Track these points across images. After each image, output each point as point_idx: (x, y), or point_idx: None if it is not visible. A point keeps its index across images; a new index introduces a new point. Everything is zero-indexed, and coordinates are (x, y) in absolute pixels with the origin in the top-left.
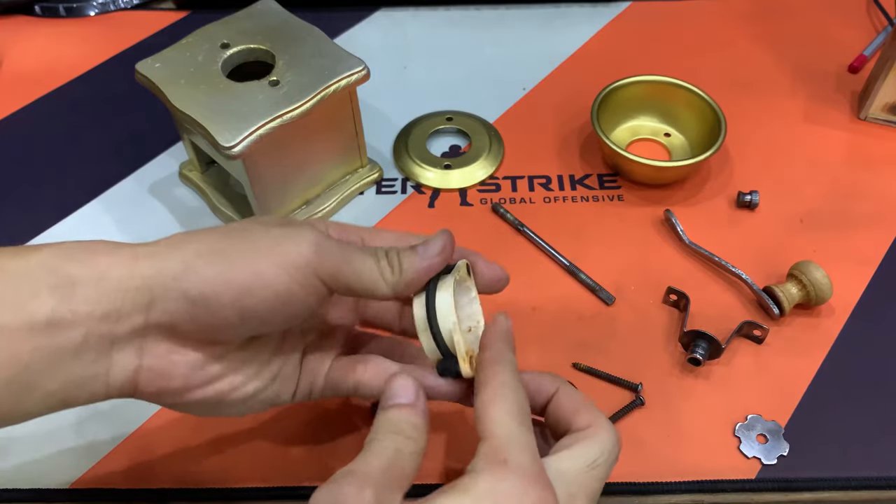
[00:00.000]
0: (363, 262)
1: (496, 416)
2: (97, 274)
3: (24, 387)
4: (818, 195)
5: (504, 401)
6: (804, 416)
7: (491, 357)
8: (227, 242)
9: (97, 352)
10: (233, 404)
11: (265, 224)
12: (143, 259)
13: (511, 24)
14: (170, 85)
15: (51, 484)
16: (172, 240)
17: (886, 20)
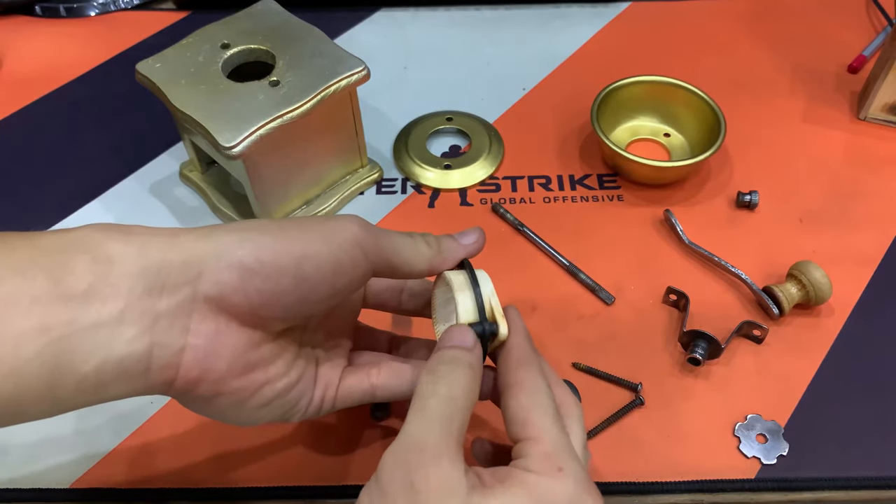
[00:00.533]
0: (402, 239)
1: (542, 423)
2: (136, 249)
3: (55, 366)
4: (818, 195)
5: (545, 407)
6: (804, 416)
7: (520, 358)
8: (272, 225)
9: (138, 327)
10: (257, 405)
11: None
12: (185, 236)
13: (511, 24)
14: (170, 85)
15: (51, 484)
16: (210, 226)
17: (886, 20)
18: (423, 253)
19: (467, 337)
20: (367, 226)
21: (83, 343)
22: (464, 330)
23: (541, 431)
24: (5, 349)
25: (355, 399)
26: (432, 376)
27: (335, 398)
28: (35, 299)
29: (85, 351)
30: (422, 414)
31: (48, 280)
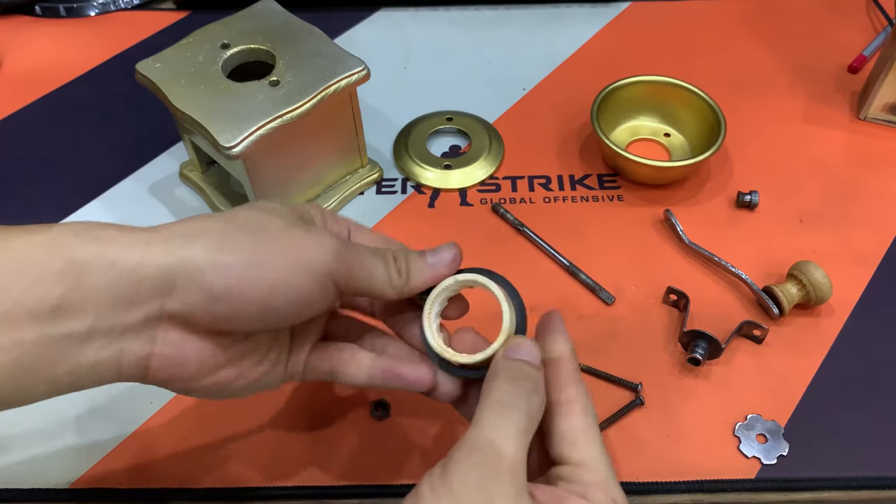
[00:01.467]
0: (374, 267)
1: (595, 449)
2: (108, 259)
3: (28, 372)
4: (818, 195)
5: (596, 432)
6: (804, 416)
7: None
8: (247, 237)
9: (107, 338)
10: (236, 390)
11: (281, 217)
12: (158, 245)
13: (511, 24)
14: (170, 85)
15: (51, 484)
16: (187, 226)
17: (886, 20)
18: (395, 284)
19: (538, 354)
20: (342, 254)
21: (54, 352)
22: (534, 346)
23: (594, 461)
24: None
25: (318, 376)
26: (514, 388)
27: (302, 374)
28: (4, 314)
29: (57, 358)
30: (505, 414)
31: (17, 290)
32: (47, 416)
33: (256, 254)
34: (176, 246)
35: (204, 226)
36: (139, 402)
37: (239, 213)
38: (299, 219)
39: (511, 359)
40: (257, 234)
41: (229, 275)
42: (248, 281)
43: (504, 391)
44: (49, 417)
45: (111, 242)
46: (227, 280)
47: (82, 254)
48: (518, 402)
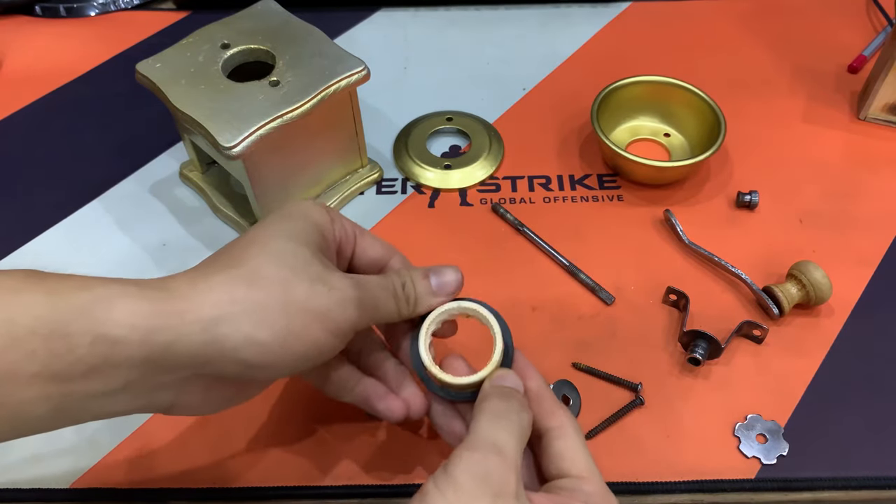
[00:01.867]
0: (387, 303)
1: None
2: (140, 336)
3: (58, 417)
4: (818, 195)
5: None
6: (804, 416)
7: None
8: (280, 305)
9: (135, 394)
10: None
11: (305, 269)
12: (193, 323)
13: (511, 24)
14: (170, 85)
15: (51, 484)
16: (218, 296)
17: (886, 20)
18: (403, 313)
19: (520, 384)
20: (363, 304)
21: (83, 404)
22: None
23: (590, 472)
24: (9, 412)
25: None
26: (506, 402)
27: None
28: (35, 375)
29: (85, 409)
30: (499, 422)
31: (49, 356)
32: None
33: (289, 327)
34: (210, 323)
35: (233, 295)
36: None
37: (262, 274)
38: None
39: (499, 385)
40: (286, 303)
41: (264, 351)
42: (280, 353)
43: (497, 405)
44: None
45: (143, 316)
46: (261, 356)
47: (114, 330)
48: (511, 413)
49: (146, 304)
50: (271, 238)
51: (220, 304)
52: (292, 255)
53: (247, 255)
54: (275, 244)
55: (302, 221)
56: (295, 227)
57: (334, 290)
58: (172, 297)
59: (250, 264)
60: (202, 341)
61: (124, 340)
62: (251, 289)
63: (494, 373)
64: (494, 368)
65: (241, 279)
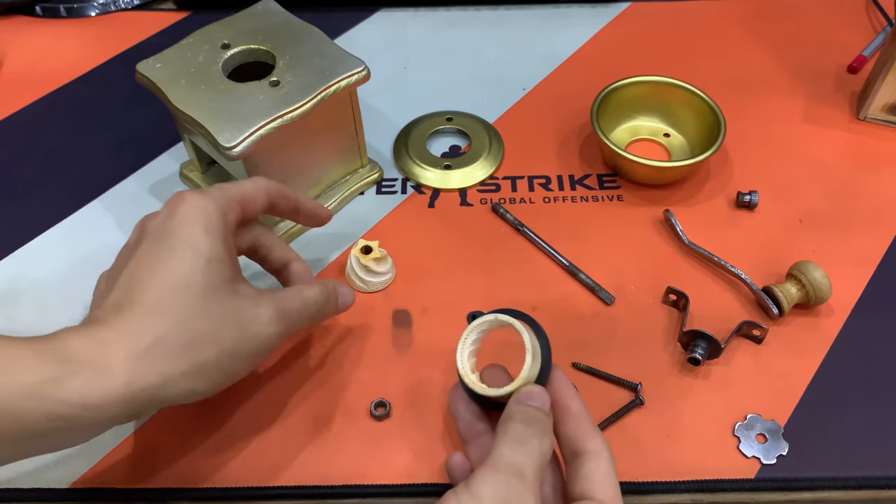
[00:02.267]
0: (301, 305)
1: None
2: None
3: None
4: (817, 195)
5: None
6: (803, 416)
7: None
8: (208, 347)
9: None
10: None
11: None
12: (137, 382)
13: (511, 24)
14: (170, 85)
15: (51, 484)
16: (143, 338)
17: (885, 20)
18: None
19: (547, 401)
20: (280, 315)
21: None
22: (545, 394)
23: (613, 499)
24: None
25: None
26: (528, 427)
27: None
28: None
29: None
30: (521, 447)
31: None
32: None
33: (223, 376)
34: (157, 390)
35: (162, 336)
36: None
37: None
38: (224, 273)
39: (524, 404)
40: (211, 342)
41: (203, 393)
42: (219, 382)
43: (519, 430)
44: None
45: (95, 394)
46: (205, 393)
47: (68, 411)
48: (532, 439)
49: (94, 381)
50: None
51: (151, 354)
52: (203, 276)
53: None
54: (181, 264)
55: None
56: (208, 258)
57: (248, 308)
58: (111, 372)
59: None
60: (149, 400)
61: (78, 417)
62: (174, 328)
63: (521, 389)
64: (521, 384)
65: (162, 318)
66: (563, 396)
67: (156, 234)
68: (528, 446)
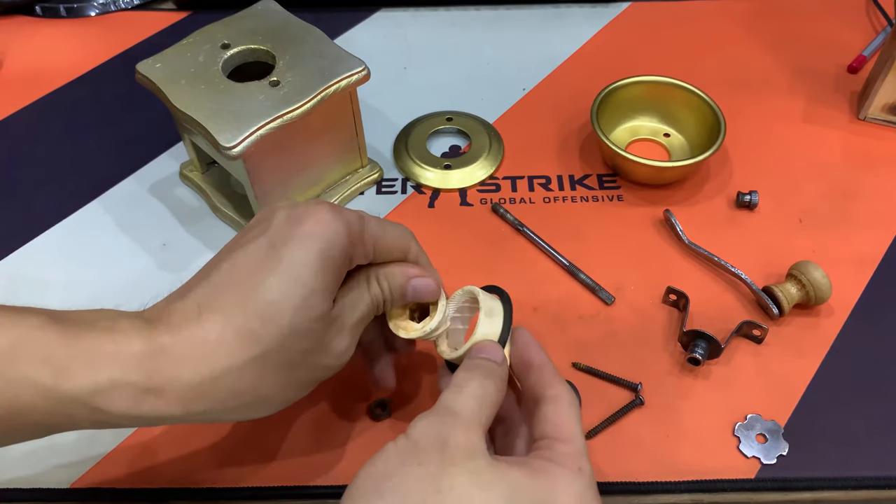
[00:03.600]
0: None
1: (575, 430)
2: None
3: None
4: (817, 195)
5: (578, 418)
6: (803, 416)
7: (554, 375)
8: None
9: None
10: None
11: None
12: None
13: (511, 24)
14: (170, 85)
15: (51, 484)
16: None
17: (885, 20)
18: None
19: (497, 350)
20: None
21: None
22: (495, 346)
23: (571, 437)
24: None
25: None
26: (468, 372)
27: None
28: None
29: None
30: (458, 390)
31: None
32: None
33: (285, 398)
34: (210, 411)
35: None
36: None
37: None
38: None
39: (472, 357)
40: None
41: (258, 416)
42: (275, 409)
43: (459, 377)
44: None
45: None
46: (256, 417)
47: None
48: (471, 382)
49: (147, 397)
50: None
51: (226, 402)
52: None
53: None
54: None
55: (321, 243)
56: (309, 254)
57: (331, 360)
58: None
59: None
60: (202, 419)
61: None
62: (254, 386)
63: (476, 345)
64: (472, 344)
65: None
66: (526, 352)
67: (272, 238)
68: (467, 388)
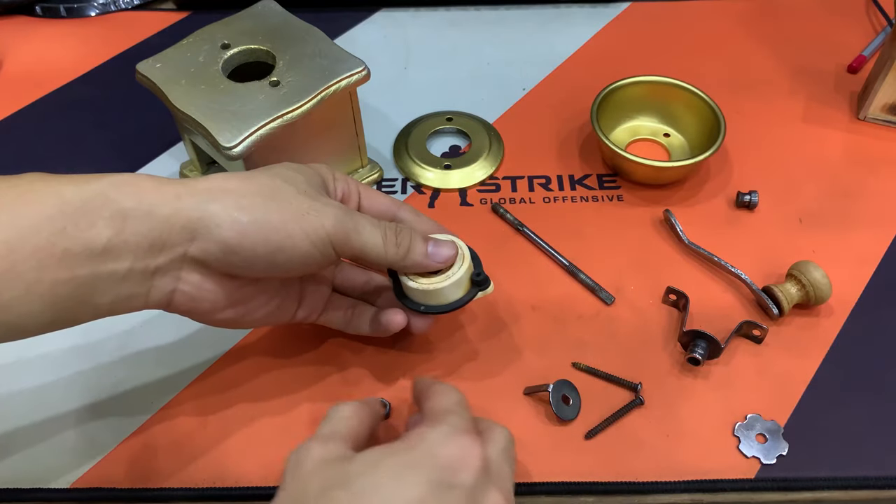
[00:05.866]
0: (371, 236)
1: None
2: (146, 209)
3: (80, 302)
4: (817, 195)
5: (450, 397)
6: (803, 416)
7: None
8: (261, 200)
9: (142, 276)
10: (245, 323)
11: (293, 184)
12: (187, 198)
13: (511, 25)
14: (170, 85)
15: (51, 484)
16: (211, 184)
17: (885, 20)
18: (390, 255)
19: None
20: (342, 221)
21: (101, 285)
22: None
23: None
24: (44, 290)
25: (333, 325)
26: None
27: (317, 319)
28: (66, 251)
29: (102, 290)
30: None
31: (75, 231)
32: (47, 416)
33: (267, 215)
34: (202, 201)
35: (225, 185)
36: (139, 402)
37: (257, 177)
38: (309, 185)
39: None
40: (270, 198)
41: (242, 231)
42: (257, 238)
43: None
44: (49, 417)
45: (150, 194)
46: (240, 235)
47: (126, 203)
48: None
49: (151, 186)
50: (273, 167)
51: (212, 189)
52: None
53: (246, 172)
54: (276, 168)
55: (306, 168)
56: (299, 167)
57: (317, 200)
58: (173, 183)
59: (248, 174)
60: (192, 216)
61: (132, 213)
62: (242, 182)
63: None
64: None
65: (236, 177)
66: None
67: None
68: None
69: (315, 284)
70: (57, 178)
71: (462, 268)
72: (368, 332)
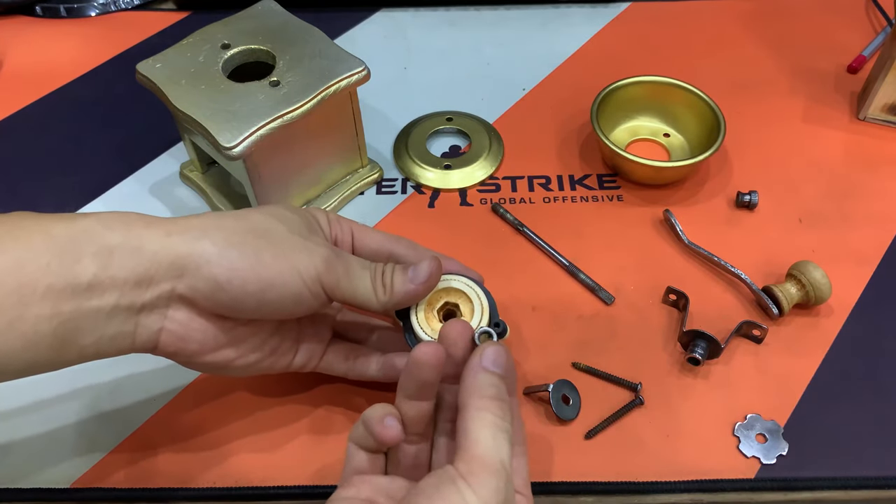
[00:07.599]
0: (360, 279)
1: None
2: (134, 244)
3: (63, 341)
4: (817, 195)
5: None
6: (803, 416)
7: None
8: (252, 238)
9: (127, 313)
10: (236, 368)
11: (286, 223)
12: (177, 236)
13: (511, 25)
14: (170, 85)
15: (51, 484)
16: (204, 221)
17: (885, 21)
18: (380, 299)
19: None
20: (332, 264)
21: (86, 323)
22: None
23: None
24: (26, 328)
25: (334, 372)
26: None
27: (317, 366)
28: (49, 287)
29: (86, 329)
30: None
31: (60, 267)
32: (47, 416)
33: (258, 254)
34: (192, 238)
35: (218, 222)
36: (139, 402)
37: (250, 216)
38: (303, 226)
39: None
40: (262, 236)
41: (232, 268)
42: (247, 275)
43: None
44: (49, 417)
45: (138, 230)
46: (230, 272)
47: (112, 239)
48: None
49: (141, 223)
50: (268, 207)
51: (202, 226)
52: (284, 216)
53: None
54: (270, 208)
55: (301, 209)
56: (294, 209)
57: (309, 240)
58: (163, 221)
59: (241, 212)
60: (182, 253)
61: (120, 248)
62: (235, 220)
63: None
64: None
65: (229, 215)
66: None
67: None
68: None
69: (314, 326)
70: (45, 217)
71: (480, 320)
72: (375, 376)
